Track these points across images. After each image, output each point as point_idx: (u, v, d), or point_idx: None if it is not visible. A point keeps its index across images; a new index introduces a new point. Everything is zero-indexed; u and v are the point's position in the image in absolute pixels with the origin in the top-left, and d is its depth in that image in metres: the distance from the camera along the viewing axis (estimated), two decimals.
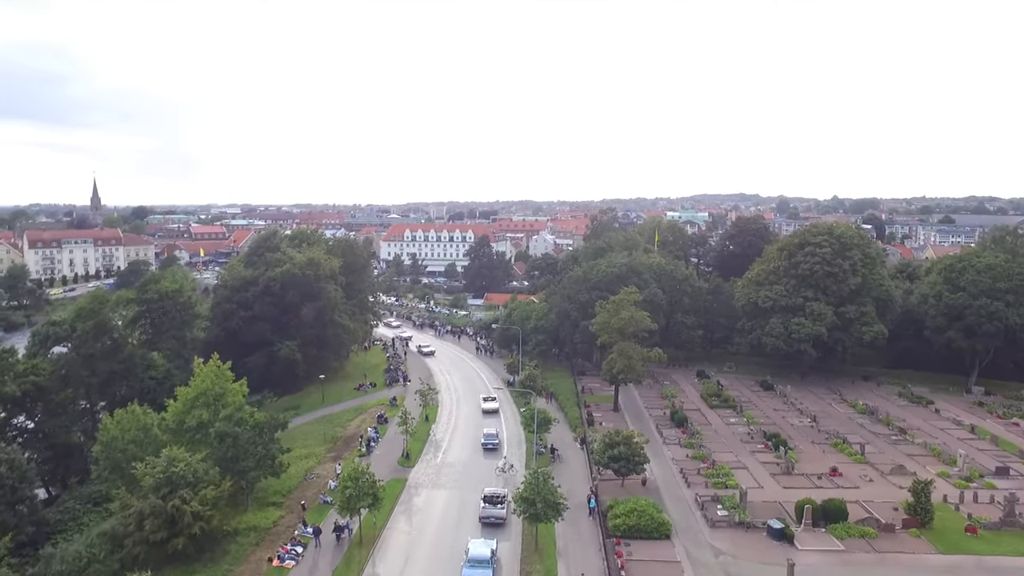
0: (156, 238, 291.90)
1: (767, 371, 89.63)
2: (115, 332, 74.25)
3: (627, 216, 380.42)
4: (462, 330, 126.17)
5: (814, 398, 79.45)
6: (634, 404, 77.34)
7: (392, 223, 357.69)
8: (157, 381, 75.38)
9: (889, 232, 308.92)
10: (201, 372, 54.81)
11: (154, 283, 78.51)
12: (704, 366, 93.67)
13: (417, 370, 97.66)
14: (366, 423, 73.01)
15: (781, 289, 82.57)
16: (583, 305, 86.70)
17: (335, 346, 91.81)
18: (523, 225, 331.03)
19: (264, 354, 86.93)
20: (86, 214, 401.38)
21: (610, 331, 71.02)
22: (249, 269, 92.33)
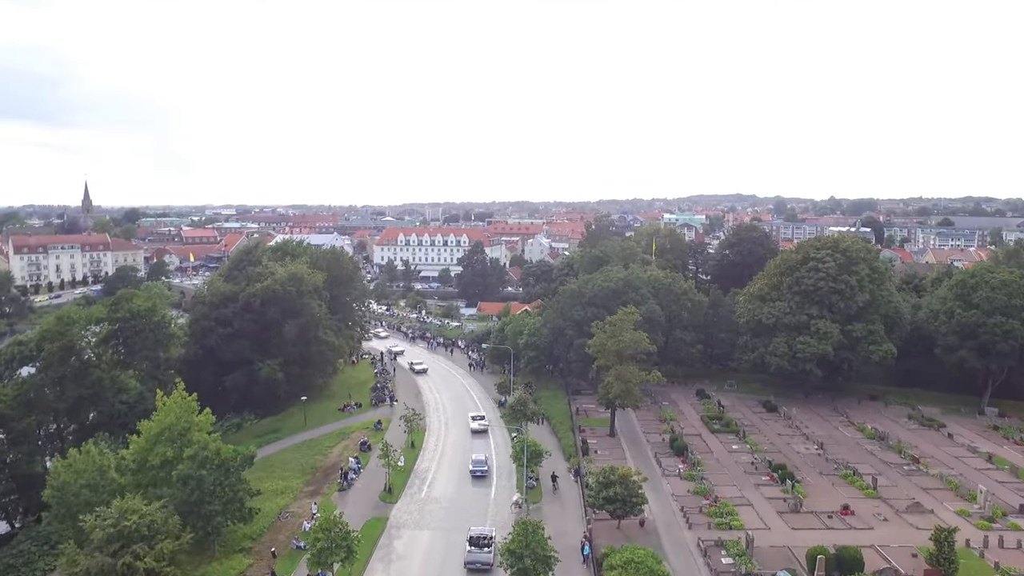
0: (147, 242, 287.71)
1: (770, 389, 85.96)
2: (84, 354, 70.22)
3: (623, 219, 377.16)
4: (454, 342, 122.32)
5: (820, 420, 75.71)
6: (631, 428, 73.52)
7: (386, 226, 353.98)
8: (128, 405, 71.43)
9: (888, 235, 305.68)
10: (165, 405, 50.74)
11: (126, 301, 74.41)
12: (704, 384, 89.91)
13: (406, 387, 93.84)
14: (348, 450, 69.11)
15: (784, 306, 78.82)
16: (578, 322, 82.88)
17: (319, 363, 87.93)
18: (518, 228, 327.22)
19: (244, 373, 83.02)
20: (77, 217, 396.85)
21: (607, 354, 67.22)
22: (229, 284, 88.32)
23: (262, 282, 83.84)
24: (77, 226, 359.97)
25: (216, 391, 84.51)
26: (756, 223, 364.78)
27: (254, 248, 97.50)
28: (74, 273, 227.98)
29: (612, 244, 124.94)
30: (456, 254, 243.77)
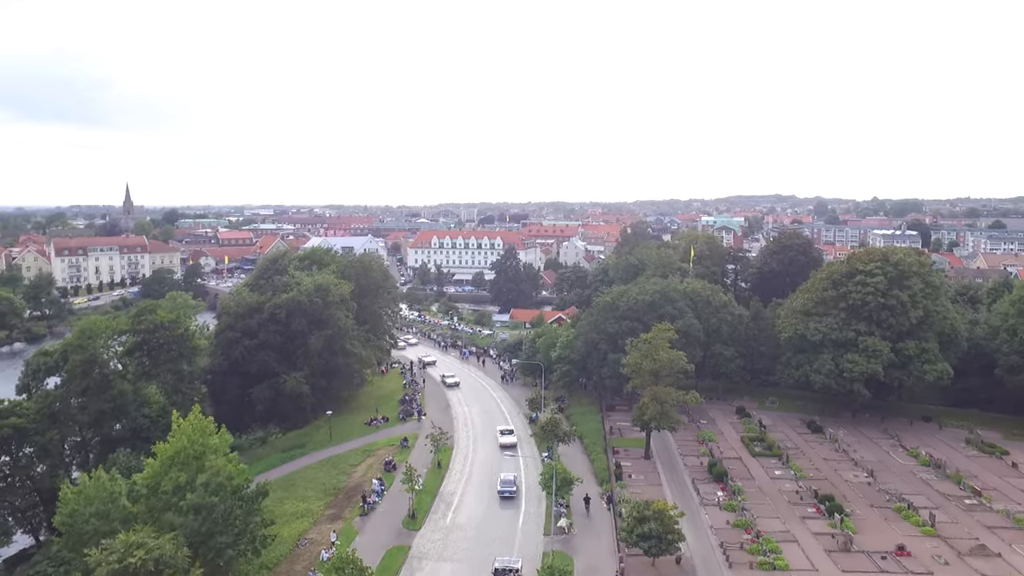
0: (184, 244, 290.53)
1: (813, 407, 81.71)
2: (106, 367, 68.99)
3: (660, 221, 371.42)
4: (485, 351, 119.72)
5: (869, 443, 71.35)
6: (667, 450, 70.07)
7: (421, 228, 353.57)
8: (151, 419, 69.99)
9: (935, 238, 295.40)
10: (179, 428, 48.83)
11: (149, 313, 73.11)
12: (744, 400, 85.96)
13: (435, 399, 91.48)
14: (372, 470, 66.85)
15: (831, 322, 74.60)
16: (612, 336, 79.65)
17: (346, 376, 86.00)
18: (553, 231, 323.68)
19: (270, 385, 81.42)
20: (119, 218, 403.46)
21: (642, 374, 63.91)
22: (255, 294, 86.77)
23: (288, 293, 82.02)
24: (118, 227, 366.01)
25: (242, 403, 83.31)
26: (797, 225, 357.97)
27: (281, 257, 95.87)
28: (112, 275, 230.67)
29: (648, 251, 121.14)
30: (490, 257, 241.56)
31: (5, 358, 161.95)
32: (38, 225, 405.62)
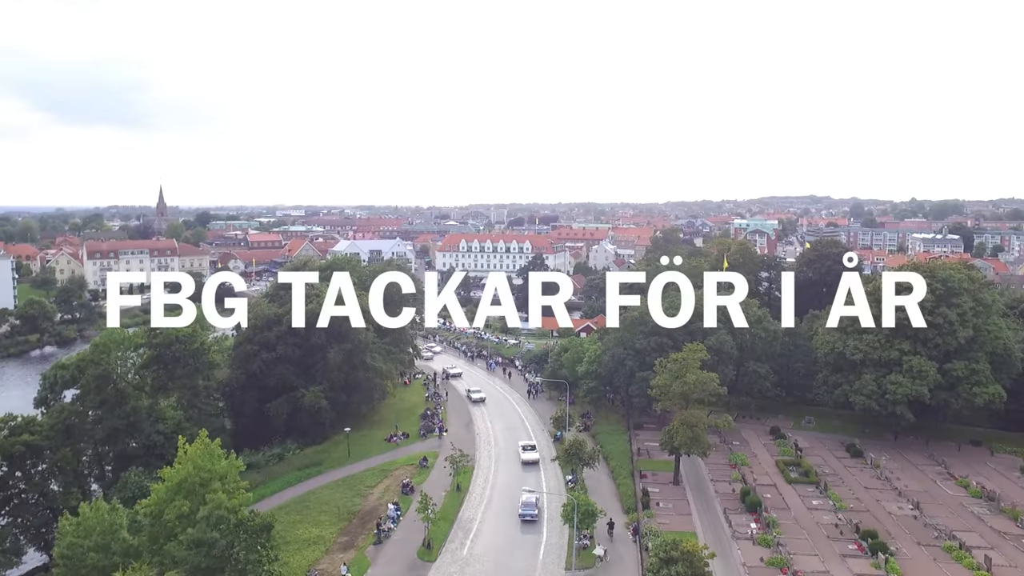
0: (214, 246, 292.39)
1: (852, 428, 77.74)
2: (120, 381, 67.69)
3: (692, 224, 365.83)
4: (511, 361, 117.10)
5: (913, 470, 67.29)
6: (697, 475, 66.76)
7: (449, 230, 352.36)
8: (165, 436, 68.54)
9: (978, 242, 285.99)
10: (185, 454, 46.92)
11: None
12: (779, 420, 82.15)
13: (457, 413, 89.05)
14: (389, 492, 64.58)
15: (872, 340, 70.66)
16: (640, 352, 76.52)
17: (366, 390, 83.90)
18: (583, 234, 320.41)
19: (288, 399, 79.66)
20: (152, 219, 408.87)
21: (672, 396, 60.76)
22: (274, 305, 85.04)
23: (308, 304, 79.99)
24: (151, 229, 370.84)
25: (260, 417, 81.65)
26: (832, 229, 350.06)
27: (302, 266, 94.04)
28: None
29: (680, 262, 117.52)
30: (519, 261, 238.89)
31: (36, 362, 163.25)
32: (75, 227, 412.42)
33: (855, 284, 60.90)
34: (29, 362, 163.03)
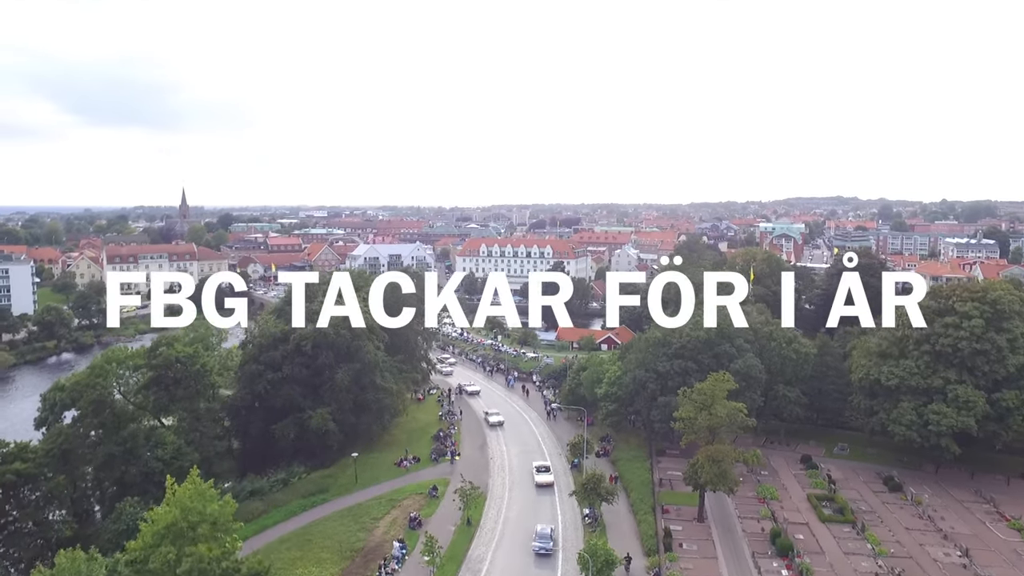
0: (234, 250, 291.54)
1: (890, 457, 72.96)
2: (117, 405, 64.91)
3: (716, 228, 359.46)
4: (528, 375, 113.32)
5: (959, 508, 62.45)
6: (723, 510, 62.48)
7: (471, 233, 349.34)
8: (164, 462, 65.60)
9: (1015, 247, 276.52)
10: (174, 496, 43.70)
11: (165, 347, 68.85)
12: (810, 447, 77.61)
13: (471, 435, 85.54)
14: (396, 526, 61.14)
15: (912, 366, 66.00)
16: (663, 375, 72.45)
17: (375, 411, 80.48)
18: (605, 237, 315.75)
19: (295, 421, 76.48)
20: (174, 222, 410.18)
21: (696, 430, 56.67)
22: (281, 322, 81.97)
23: (314, 323, 76.88)
24: (173, 231, 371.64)
25: (266, 438, 78.61)
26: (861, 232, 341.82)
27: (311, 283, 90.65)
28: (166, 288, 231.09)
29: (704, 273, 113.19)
30: (540, 266, 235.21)
31: (53, 368, 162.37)
32: (99, 228, 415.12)
33: (855, 284, 61.19)
34: (46, 369, 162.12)
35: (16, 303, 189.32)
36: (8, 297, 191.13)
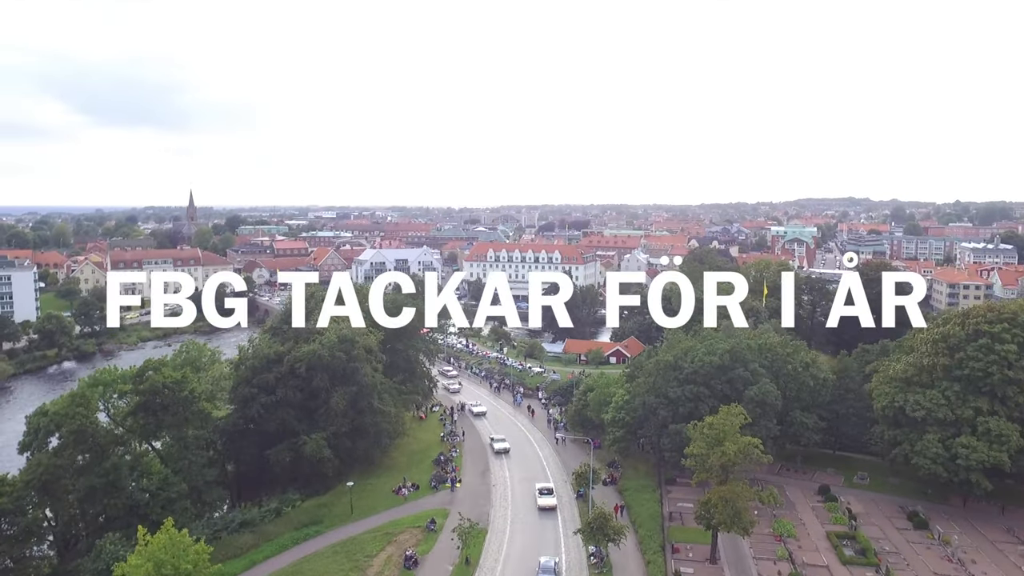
0: (240, 254, 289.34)
1: (913, 488, 69.00)
2: (100, 436, 61.90)
3: (727, 232, 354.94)
4: (534, 391, 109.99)
5: (991, 550, 58.52)
6: (737, 549, 58.79)
7: (478, 236, 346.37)
8: (150, 493, 62.75)
9: None
10: (146, 547, 40.69)
11: (153, 372, 65.83)
12: (828, 475, 73.94)
13: (474, 458, 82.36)
14: (391, 565, 57.73)
15: (939, 396, 62.19)
16: (674, 402, 68.92)
17: (373, 435, 77.34)
18: (615, 242, 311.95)
19: (289, 446, 73.39)
20: (182, 225, 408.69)
21: (709, 469, 53.14)
22: (276, 341, 78.91)
23: (310, 344, 73.91)
24: (181, 234, 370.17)
25: (260, 463, 75.67)
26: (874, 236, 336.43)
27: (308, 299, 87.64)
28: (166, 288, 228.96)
29: None
30: (548, 271, 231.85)
31: (53, 378, 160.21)
32: (107, 231, 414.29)
33: (855, 284, 62.41)
34: (46, 379, 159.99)
35: (19, 310, 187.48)
36: (10, 304, 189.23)
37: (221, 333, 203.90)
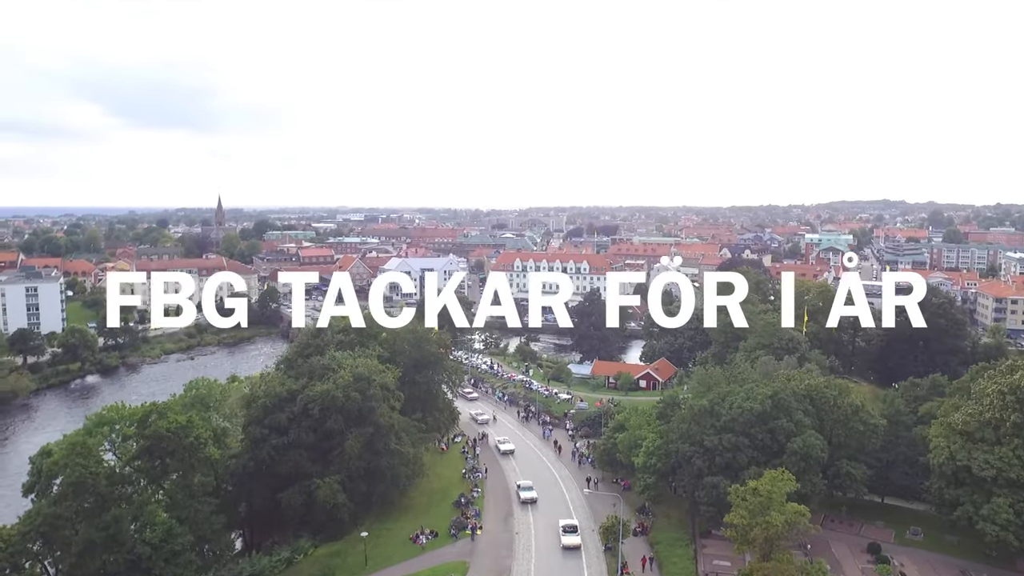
0: (266, 261, 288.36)
1: (972, 548, 62.86)
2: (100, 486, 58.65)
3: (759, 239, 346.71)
4: (561, 420, 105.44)
5: None
6: None
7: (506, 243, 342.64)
8: (153, 547, 59.39)
9: None
10: None
11: (158, 417, 62.47)
12: (877, 528, 68.43)
13: (496, 499, 78.04)
14: None
15: (1009, 455, 56.56)
16: (710, 451, 63.99)
17: (390, 478, 73.38)
18: (644, 249, 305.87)
19: (301, 489, 69.81)
20: (209, 230, 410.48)
21: (751, 540, 48.36)
22: (290, 378, 75.39)
23: (324, 384, 70.27)
24: (208, 239, 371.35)
25: (273, 506, 72.17)
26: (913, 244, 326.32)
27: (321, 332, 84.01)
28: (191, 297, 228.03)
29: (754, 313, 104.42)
30: (576, 281, 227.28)
31: (77, 394, 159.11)
32: (137, 236, 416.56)
33: (855, 285, 64.99)
34: (69, 394, 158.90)
35: (45, 321, 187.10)
36: (37, 315, 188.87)
37: (244, 347, 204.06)
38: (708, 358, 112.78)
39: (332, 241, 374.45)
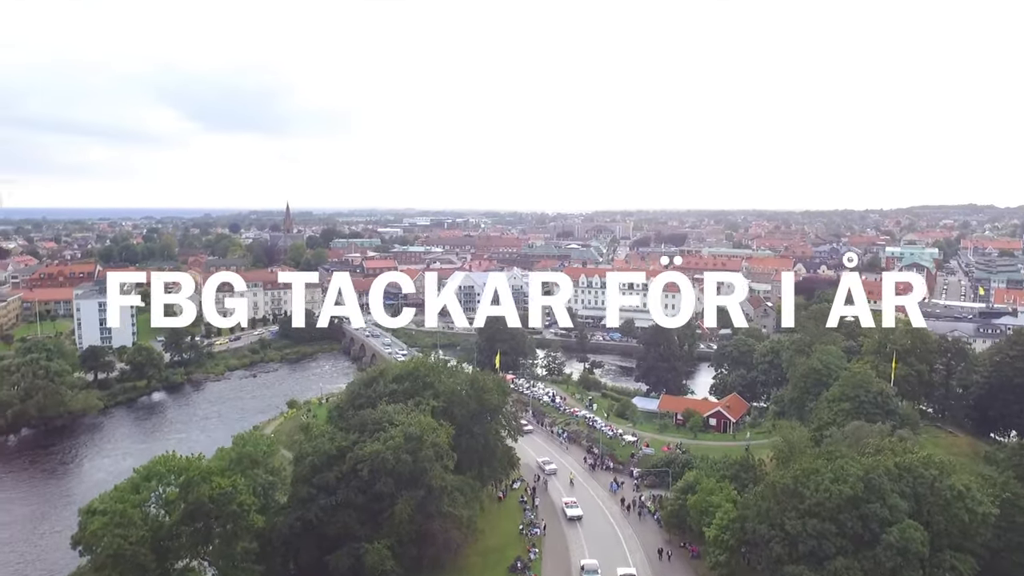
0: (330, 272, 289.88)
1: None
2: (140, 556, 56.24)
3: (834, 253, 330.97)
4: (625, 466, 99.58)
5: None
6: None
7: (571, 255, 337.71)
8: None
9: None
10: None
11: (201, 483, 59.84)
12: None
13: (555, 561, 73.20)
14: None
15: None
16: (792, 537, 57.63)
17: (441, 542, 69.31)
18: (714, 263, 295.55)
19: (350, 552, 66.46)
20: (278, 237, 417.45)
21: None
22: (340, 430, 72.21)
23: (374, 444, 66.78)
24: (276, 247, 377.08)
25: (319, 569, 69.09)
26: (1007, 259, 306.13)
27: (374, 380, 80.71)
28: (256, 311, 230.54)
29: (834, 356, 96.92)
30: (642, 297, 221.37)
31: (144, 412, 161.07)
32: (208, 243, 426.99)
33: (855, 285, 65.90)
34: (135, 412, 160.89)
35: (115, 336, 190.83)
36: (109, 330, 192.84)
37: (306, 363, 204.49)
38: (786, 403, 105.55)
39: (397, 250, 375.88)
